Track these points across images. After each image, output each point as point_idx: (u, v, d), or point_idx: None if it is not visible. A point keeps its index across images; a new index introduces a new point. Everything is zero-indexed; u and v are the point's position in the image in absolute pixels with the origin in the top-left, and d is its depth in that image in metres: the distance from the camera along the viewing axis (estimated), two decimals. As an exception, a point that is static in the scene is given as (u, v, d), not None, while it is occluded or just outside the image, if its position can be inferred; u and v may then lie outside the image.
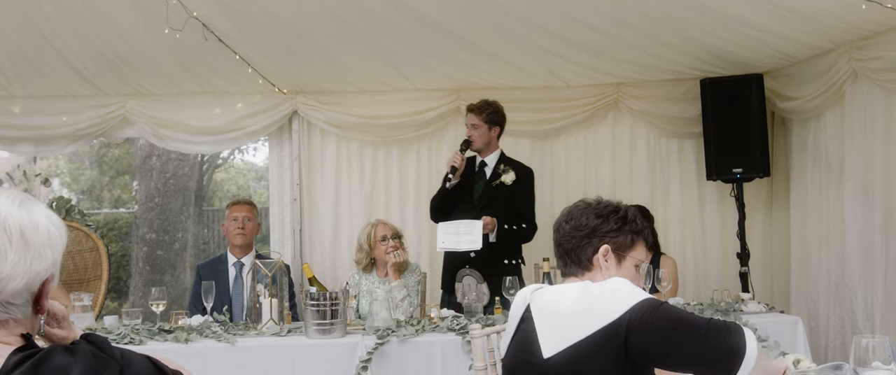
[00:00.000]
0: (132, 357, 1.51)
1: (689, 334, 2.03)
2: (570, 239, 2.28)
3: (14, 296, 1.44)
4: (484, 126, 4.91)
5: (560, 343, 2.09)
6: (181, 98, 5.65)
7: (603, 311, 2.06)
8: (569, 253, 2.29)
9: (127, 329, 3.92)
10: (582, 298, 2.13)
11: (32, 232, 1.45)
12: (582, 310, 2.10)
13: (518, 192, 4.88)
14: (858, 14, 4.10)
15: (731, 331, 2.03)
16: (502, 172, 4.90)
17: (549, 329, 2.14)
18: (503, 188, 4.88)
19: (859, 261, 4.77)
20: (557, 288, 2.25)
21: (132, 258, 10.64)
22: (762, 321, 4.09)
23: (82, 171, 14.00)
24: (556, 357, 2.09)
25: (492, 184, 4.91)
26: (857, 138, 4.78)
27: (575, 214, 2.30)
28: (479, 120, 4.91)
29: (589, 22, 4.61)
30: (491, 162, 4.98)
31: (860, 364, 2.10)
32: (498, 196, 4.87)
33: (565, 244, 2.29)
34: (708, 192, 5.88)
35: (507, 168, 4.92)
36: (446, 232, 4.74)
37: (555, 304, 2.18)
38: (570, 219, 2.30)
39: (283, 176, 5.87)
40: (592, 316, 2.07)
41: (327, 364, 3.82)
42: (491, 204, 4.84)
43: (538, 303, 2.22)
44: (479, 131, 4.92)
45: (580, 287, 2.18)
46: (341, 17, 4.53)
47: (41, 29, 4.67)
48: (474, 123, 4.92)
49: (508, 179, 4.87)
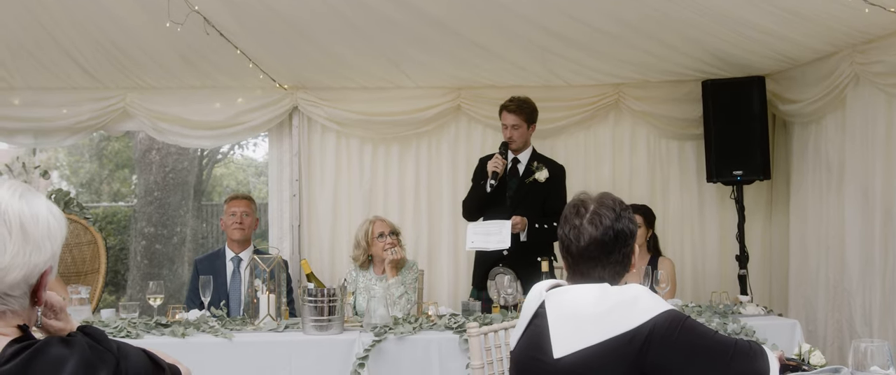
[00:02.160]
0: (128, 351, 1.50)
1: (715, 356, 2.02)
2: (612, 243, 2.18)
3: (12, 288, 1.44)
4: (524, 125, 4.86)
5: (572, 345, 2.06)
6: (181, 92, 5.64)
7: (622, 318, 2.03)
8: (609, 255, 2.18)
9: (124, 323, 3.92)
10: (600, 302, 2.08)
11: (32, 224, 1.45)
12: (599, 314, 2.06)
13: (551, 190, 4.84)
14: (861, 17, 4.10)
15: (757, 356, 2.04)
16: (536, 170, 4.87)
17: (562, 329, 2.11)
18: (537, 185, 4.85)
19: (858, 265, 4.77)
20: (577, 288, 2.18)
21: (130, 251, 10.64)
22: (760, 323, 4.08)
23: (82, 164, 14.01)
24: (566, 359, 2.06)
25: (525, 181, 4.88)
26: (858, 142, 4.77)
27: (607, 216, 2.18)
28: (519, 119, 4.84)
29: (590, 22, 4.60)
30: (524, 159, 4.94)
31: (859, 368, 2.10)
32: (531, 193, 4.85)
33: (609, 246, 2.17)
34: (708, 194, 5.88)
35: (541, 165, 4.89)
36: (475, 232, 4.73)
37: (572, 305, 2.13)
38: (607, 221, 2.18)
39: (283, 171, 5.86)
40: (610, 322, 2.03)
41: (324, 360, 3.82)
42: (524, 202, 4.82)
43: (554, 302, 2.18)
44: (520, 131, 4.85)
45: (599, 289, 2.13)
46: (343, 13, 4.53)
47: (42, 20, 4.66)
48: (515, 123, 4.84)
49: (542, 177, 4.84)
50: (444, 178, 5.82)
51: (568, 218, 2.22)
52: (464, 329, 3.78)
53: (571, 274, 2.25)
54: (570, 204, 2.26)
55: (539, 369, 2.15)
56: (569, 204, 2.27)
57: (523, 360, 2.24)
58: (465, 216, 5.04)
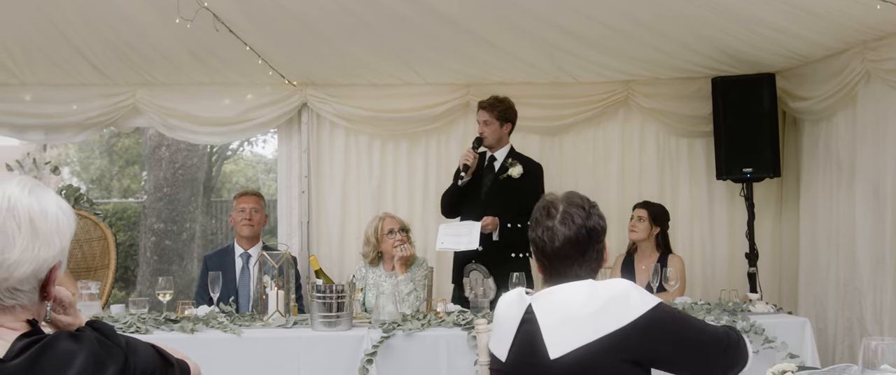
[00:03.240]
0: (137, 345, 1.51)
1: (709, 349, 2.15)
2: (586, 241, 2.22)
3: (21, 283, 1.44)
4: (496, 122, 4.90)
5: (568, 345, 2.09)
6: (191, 88, 5.65)
7: (615, 315, 2.07)
8: (584, 253, 2.22)
9: (133, 318, 3.93)
10: (591, 300, 2.12)
11: (41, 220, 1.45)
12: (592, 313, 2.09)
13: (526, 187, 4.84)
14: (873, 14, 4.07)
15: (742, 345, 2.21)
16: (509, 166, 4.89)
17: (555, 329, 2.13)
18: (511, 181, 4.87)
19: (869, 264, 4.74)
20: (563, 288, 2.21)
21: (140, 247, 10.68)
22: (770, 322, 4.06)
23: (92, 160, 14.06)
24: (564, 359, 2.08)
25: (499, 177, 4.90)
26: (869, 140, 4.74)
27: (578, 214, 2.22)
28: (490, 116, 4.90)
29: (600, 18, 4.59)
30: (500, 156, 4.97)
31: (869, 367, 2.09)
32: (505, 190, 4.86)
33: (583, 245, 2.22)
34: (717, 192, 5.85)
35: (515, 162, 4.91)
36: (446, 233, 4.77)
37: (562, 306, 2.16)
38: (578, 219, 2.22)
39: (292, 168, 5.87)
40: (603, 320, 2.07)
41: (332, 356, 3.82)
42: (498, 199, 4.83)
43: (543, 304, 2.20)
44: (491, 128, 4.91)
45: (587, 287, 2.17)
46: (352, 9, 4.53)
47: (52, 17, 4.68)
48: (486, 120, 4.91)
49: (515, 172, 4.86)
50: (453, 175, 5.81)
51: (539, 220, 2.25)
52: (472, 326, 3.78)
53: (548, 276, 2.28)
54: (539, 206, 2.28)
55: (535, 372, 2.15)
56: (538, 206, 2.29)
57: (516, 367, 2.23)
58: (443, 212, 5.10)
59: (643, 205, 5.06)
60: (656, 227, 5.00)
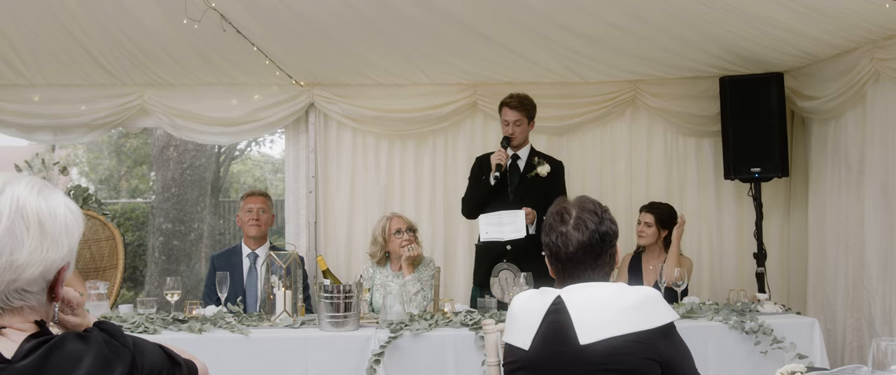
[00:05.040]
0: (145, 346, 1.51)
1: None
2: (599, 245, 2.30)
3: (30, 284, 1.44)
4: (525, 121, 4.88)
5: (600, 333, 2.16)
6: (198, 89, 5.66)
7: (645, 316, 2.18)
8: (597, 258, 2.30)
9: (141, 318, 3.94)
10: (623, 296, 2.22)
11: (50, 220, 1.45)
12: (627, 308, 2.19)
13: (553, 185, 4.84)
14: (882, 13, 4.05)
15: None
16: (537, 164, 4.87)
17: (588, 318, 2.19)
18: (538, 180, 4.86)
19: (878, 264, 4.72)
20: (591, 285, 2.29)
21: (148, 247, 10.71)
22: (778, 322, 4.04)
23: (100, 161, 14.10)
24: (594, 346, 2.15)
25: (527, 176, 4.88)
26: (878, 139, 4.72)
27: (591, 220, 2.30)
28: (520, 115, 4.85)
29: (607, 18, 4.58)
30: (523, 155, 4.95)
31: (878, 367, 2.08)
32: (534, 188, 4.85)
33: (596, 249, 2.30)
34: (725, 191, 5.83)
35: (542, 160, 4.90)
36: (488, 222, 4.73)
37: (595, 299, 2.24)
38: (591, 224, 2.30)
39: (299, 168, 5.88)
40: (636, 317, 2.17)
41: (340, 356, 3.82)
42: (526, 197, 4.81)
43: (574, 294, 2.26)
44: (521, 127, 4.87)
45: (616, 287, 2.27)
46: (359, 9, 4.53)
47: (60, 18, 4.70)
48: (516, 119, 4.85)
49: (544, 171, 4.85)
50: (460, 175, 5.80)
51: (553, 225, 2.32)
52: (480, 326, 3.77)
53: (561, 279, 2.34)
54: (552, 211, 2.35)
55: (564, 360, 2.20)
56: (551, 211, 2.36)
57: (543, 356, 2.25)
58: (466, 214, 5.05)
59: (649, 210, 5.00)
60: (664, 231, 4.97)
